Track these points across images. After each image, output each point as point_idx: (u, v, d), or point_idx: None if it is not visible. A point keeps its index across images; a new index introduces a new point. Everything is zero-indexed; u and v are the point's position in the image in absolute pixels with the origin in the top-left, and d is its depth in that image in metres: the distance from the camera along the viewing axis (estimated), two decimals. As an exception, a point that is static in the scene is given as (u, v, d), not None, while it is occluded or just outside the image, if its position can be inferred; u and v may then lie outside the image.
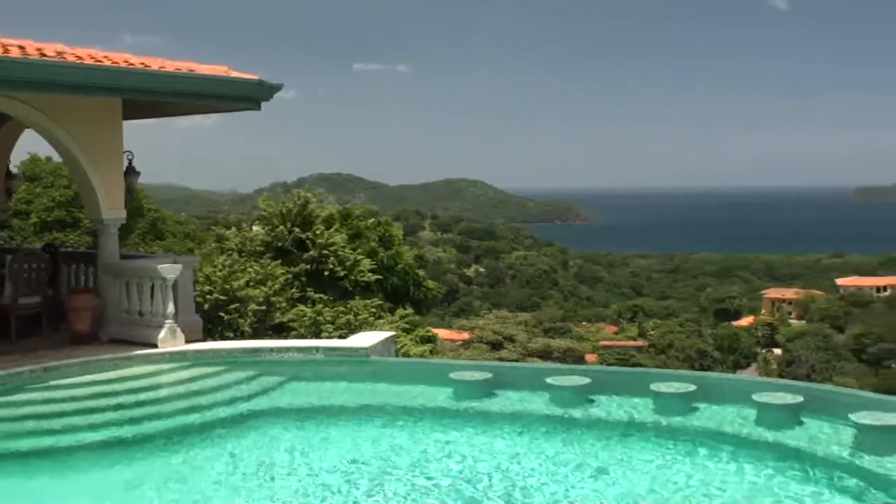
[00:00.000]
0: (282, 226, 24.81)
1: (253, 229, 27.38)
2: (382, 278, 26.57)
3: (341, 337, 18.14)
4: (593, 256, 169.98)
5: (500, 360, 52.50)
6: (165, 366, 12.36)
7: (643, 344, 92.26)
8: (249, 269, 21.71)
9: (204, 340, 14.07)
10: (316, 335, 20.93)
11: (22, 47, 11.95)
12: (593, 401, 10.24)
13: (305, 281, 23.99)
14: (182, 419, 10.29)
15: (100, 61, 12.30)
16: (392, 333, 14.41)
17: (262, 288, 21.03)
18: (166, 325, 12.90)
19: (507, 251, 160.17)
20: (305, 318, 21.76)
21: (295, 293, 22.98)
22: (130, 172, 14.66)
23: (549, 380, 10.50)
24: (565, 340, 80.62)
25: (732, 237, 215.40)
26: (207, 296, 19.65)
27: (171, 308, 13.01)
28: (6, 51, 11.60)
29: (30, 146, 35.76)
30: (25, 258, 14.58)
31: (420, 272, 31.00)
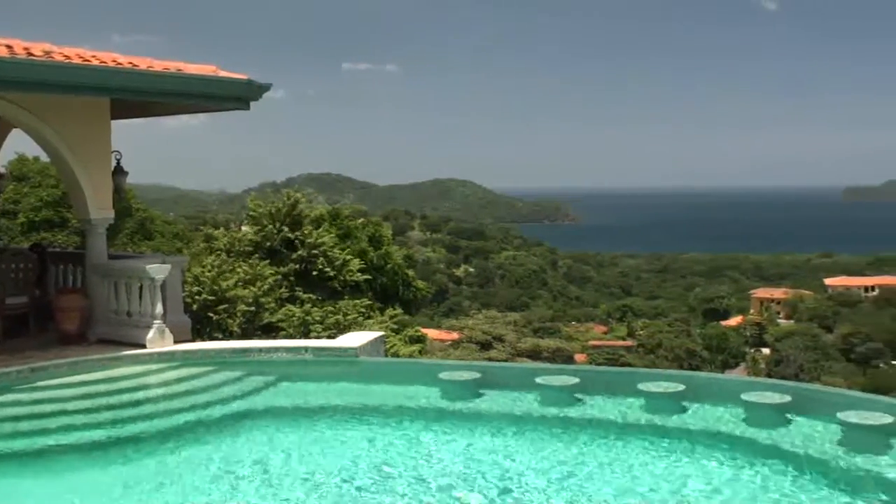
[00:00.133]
0: (271, 225, 24.76)
1: (242, 229, 27.31)
2: (372, 278, 26.55)
3: (330, 337, 18.11)
4: (582, 256, 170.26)
5: (490, 360, 52.54)
6: (154, 366, 12.33)
7: (632, 344, 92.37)
8: (238, 270, 21.67)
9: (192, 341, 14.04)
10: (305, 335, 20.90)
11: (9, 46, 11.88)
12: (582, 400, 10.25)
13: (294, 281, 23.96)
14: (171, 420, 10.25)
15: (88, 61, 12.25)
16: (381, 333, 14.40)
17: (251, 288, 20.99)
18: (155, 326, 12.86)
19: (497, 251, 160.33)
20: (294, 319, 21.72)
21: (284, 293, 22.94)
22: (118, 172, 14.61)
23: (539, 380, 10.51)
24: (554, 340, 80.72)
25: (721, 237, 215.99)
26: (196, 296, 19.61)
27: (160, 308, 12.97)
28: (-7, 50, 11.55)
29: (17, 146, 35.67)
30: (13, 258, 14.54)
31: (409, 272, 30.99)
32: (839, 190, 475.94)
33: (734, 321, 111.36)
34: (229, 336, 19.08)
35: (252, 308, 20.66)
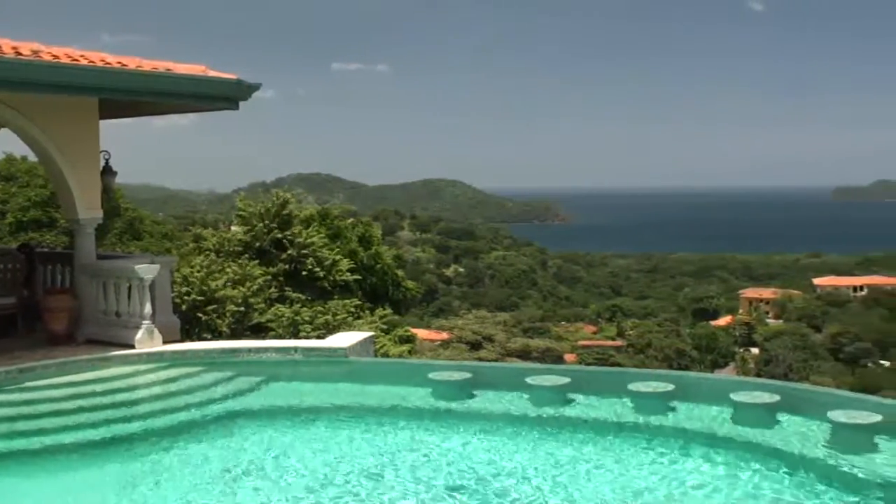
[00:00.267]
0: (260, 224, 24.70)
1: (232, 229, 27.23)
2: (361, 278, 26.50)
3: (319, 337, 18.07)
4: (572, 256, 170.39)
5: (480, 360, 52.56)
6: (143, 367, 12.29)
7: (622, 343, 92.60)
8: (227, 270, 21.60)
9: (181, 341, 13.99)
10: (294, 335, 20.84)
11: (-3, 46, 11.86)
12: (572, 400, 10.27)
13: (284, 281, 23.91)
14: (160, 420, 10.24)
15: (76, 60, 12.21)
16: (371, 334, 14.39)
17: (241, 288, 20.94)
18: (144, 326, 12.82)
19: (486, 251, 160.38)
20: (283, 319, 21.67)
21: (273, 293, 22.89)
22: (107, 172, 14.56)
23: (529, 379, 10.52)
24: (544, 340, 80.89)
25: (710, 237, 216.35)
26: (185, 296, 19.55)
27: (149, 309, 12.94)
28: (-19, 49, 11.50)
29: (5, 145, 35.58)
30: (0, 258, 14.48)
31: (399, 272, 30.95)
32: (828, 190, 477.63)
33: (723, 321, 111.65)
34: (218, 336, 19.02)
35: (241, 308, 20.60)
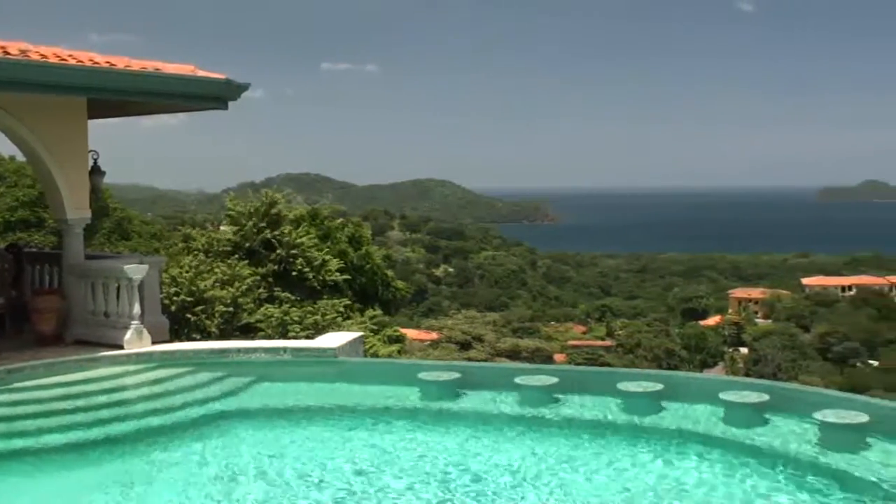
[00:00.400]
0: (249, 223, 24.64)
1: (221, 229, 27.15)
2: (351, 278, 26.48)
3: (308, 337, 18.05)
4: (562, 256, 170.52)
5: (469, 360, 52.55)
6: (132, 367, 12.26)
7: (611, 343, 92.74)
8: (216, 270, 21.55)
9: (170, 342, 13.96)
10: (283, 335, 20.80)
11: (-15, 45, 11.81)
12: (561, 400, 10.27)
13: (273, 281, 23.86)
14: (149, 421, 10.21)
15: (64, 60, 12.17)
16: (360, 334, 14.40)
17: (229, 289, 20.89)
18: (132, 327, 12.79)
19: (476, 251, 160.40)
20: (273, 319, 21.62)
21: (262, 293, 22.84)
22: (96, 172, 14.52)
23: (518, 379, 10.52)
24: (534, 340, 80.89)
25: (699, 237, 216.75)
26: (174, 297, 19.49)
27: (138, 309, 12.90)
28: (-31, 49, 11.46)
29: (-7, 145, 35.40)
30: (-11, 259, 14.42)
31: (389, 272, 30.93)
32: (815, 190, 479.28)
33: (712, 321, 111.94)
34: (207, 337, 18.97)
35: (230, 309, 20.56)
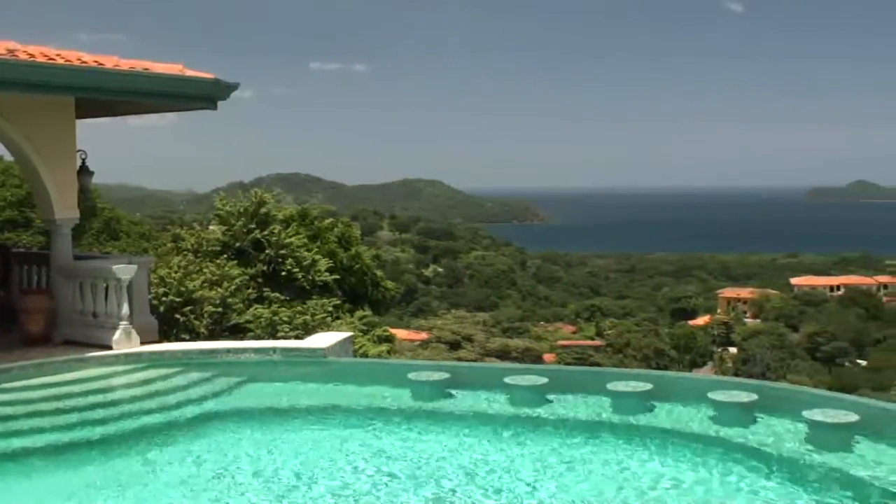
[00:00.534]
0: (238, 223, 24.60)
1: (210, 229, 27.09)
2: (340, 278, 26.46)
3: (298, 337, 18.04)
4: (551, 256, 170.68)
5: (459, 360, 52.58)
6: (120, 368, 12.22)
7: (601, 343, 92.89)
8: (205, 270, 21.50)
9: (159, 342, 13.92)
10: (272, 336, 20.77)
11: (-28, 45, 11.76)
12: (551, 400, 10.27)
13: (262, 282, 23.83)
14: (138, 421, 10.18)
15: (53, 59, 12.12)
16: (350, 334, 14.39)
17: (218, 289, 20.85)
18: (121, 327, 12.75)
19: (466, 251, 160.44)
20: (262, 319, 21.59)
21: (252, 294, 22.81)
22: (84, 172, 14.48)
23: (507, 379, 10.52)
24: (523, 340, 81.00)
25: (688, 237, 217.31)
26: (162, 297, 19.43)
27: (126, 309, 12.86)
28: (-44, 48, 11.41)
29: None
30: (-24, 259, 14.37)
31: (378, 272, 30.93)
32: (804, 190, 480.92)
33: (702, 321, 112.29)
34: (196, 337, 18.92)
35: (219, 309, 20.52)
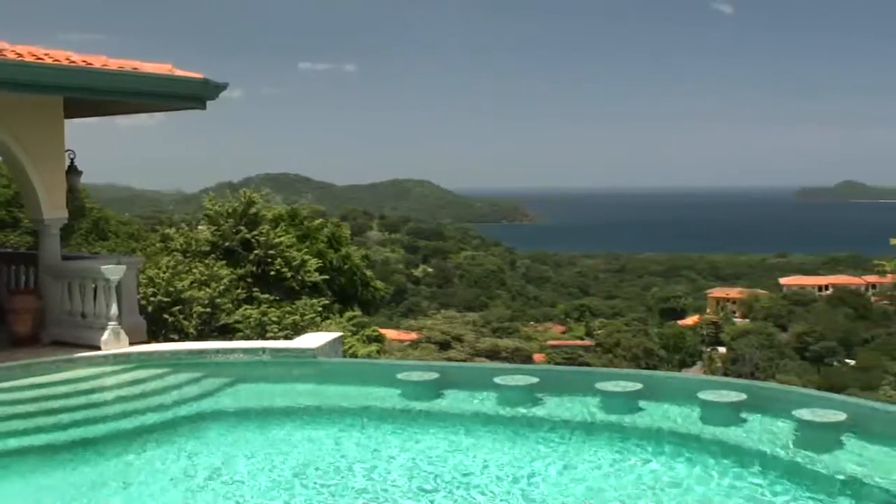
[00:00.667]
0: (227, 223, 24.56)
1: (198, 229, 27.02)
2: (330, 279, 26.45)
3: (287, 337, 18.02)
4: (541, 256, 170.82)
5: (448, 361, 52.58)
6: (109, 368, 12.18)
7: (590, 343, 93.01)
8: (194, 270, 21.46)
9: (148, 342, 13.89)
10: (261, 336, 20.75)
11: (-40, 44, 11.72)
12: (541, 400, 10.28)
13: (252, 282, 23.80)
14: (127, 422, 10.16)
15: (41, 59, 12.08)
16: (339, 334, 14.38)
17: (207, 289, 20.81)
18: (110, 327, 12.71)
19: (455, 251, 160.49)
20: (251, 319, 21.56)
21: (241, 294, 22.78)
22: (72, 171, 14.44)
23: (497, 379, 10.53)
24: (513, 340, 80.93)
25: (677, 237, 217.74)
26: (151, 297, 19.39)
27: (115, 310, 12.82)
28: (-57, 47, 11.36)
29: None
30: (-36, 259, 14.31)
31: (368, 272, 30.93)
32: (793, 190, 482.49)
33: (691, 320, 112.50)
34: (185, 338, 18.89)
35: (208, 309, 20.48)
